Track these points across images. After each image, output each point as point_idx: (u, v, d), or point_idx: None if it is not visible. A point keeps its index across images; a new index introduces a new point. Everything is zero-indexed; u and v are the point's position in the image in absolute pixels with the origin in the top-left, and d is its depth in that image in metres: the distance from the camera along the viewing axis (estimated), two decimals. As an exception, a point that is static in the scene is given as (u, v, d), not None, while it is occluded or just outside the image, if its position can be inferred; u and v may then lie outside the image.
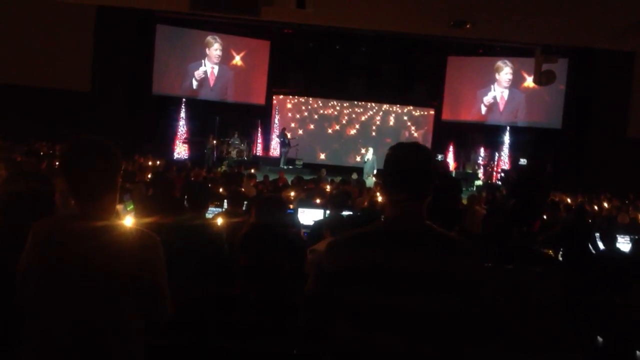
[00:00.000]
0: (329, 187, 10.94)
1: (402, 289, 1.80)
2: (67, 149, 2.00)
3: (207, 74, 21.10)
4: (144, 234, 2.01)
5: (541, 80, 9.69)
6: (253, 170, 14.60)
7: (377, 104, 22.92)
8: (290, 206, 7.06)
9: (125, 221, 2.15)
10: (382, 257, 1.83)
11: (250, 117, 21.65)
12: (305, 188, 10.22)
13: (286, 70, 22.53)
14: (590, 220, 8.46)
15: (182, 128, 20.21)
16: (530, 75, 20.34)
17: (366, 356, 1.82)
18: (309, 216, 7.00)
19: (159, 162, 14.59)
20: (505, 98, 21.24)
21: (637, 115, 17.96)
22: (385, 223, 1.96)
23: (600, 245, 6.20)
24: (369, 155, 18.71)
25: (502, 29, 8.09)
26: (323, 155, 22.66)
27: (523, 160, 19.71)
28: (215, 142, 19.54)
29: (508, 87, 21.17)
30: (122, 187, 7.03)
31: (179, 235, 3.92)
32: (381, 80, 22.19)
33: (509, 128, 20.74)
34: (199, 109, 20.38)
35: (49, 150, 13.34)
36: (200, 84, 21.03)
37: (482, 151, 21.05)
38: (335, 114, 23.11)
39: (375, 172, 17.08)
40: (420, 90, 22.37)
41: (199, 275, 3.66)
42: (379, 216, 4.62)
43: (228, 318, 3.02)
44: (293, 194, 9.05)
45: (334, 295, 1.86)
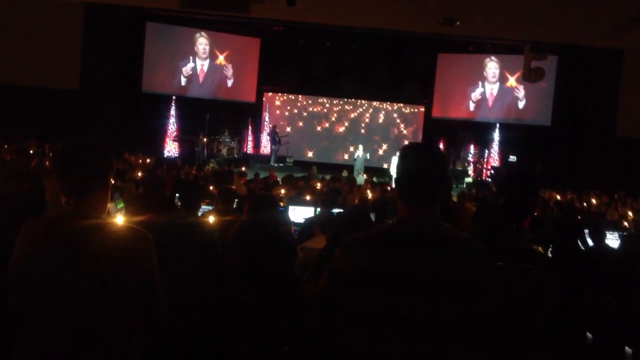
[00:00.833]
0: (319, 185, 10.95)
1: (418, 293, 1.77)
2: (60, 148, 2.00)
3: (197, 71, 21.05)
4: (136, 231, 2.00)
5: (530, 77, 9.72)
6: (244, 168, 14.56)
7: (368, 101, 22.95)
8: (281, 204, 7.05)
9: (117, 219, 2.15)
10: (398, 261, 1.80)
11: (240, 115, 21.62)
12: (296, 186, 10.21)
13: (277, 68, 22.47)
14: (579, 216, 8.51)
15: (173, 126, 20.15)
16: (520, 72, 20.49)
17: None
18: (299, 213, 7.01)
19: (149, 160, 14.54)
20: (494, 95, 21.33)
21: (626, 112, 18.07)
22: (399, 225, 1.93)
23: (590, 242, 6.24)
24: (359, 152, 18.74)
25: (492, 26, 8.12)
26: (311, 153, 22.64)
27: (513, 158, 19.80)
28: (205, 140, 19.50)
29: (497, 85, 21.25)
30: (113, 186, 7.01)
31: (172, 233, 3.90)
32: (372, 77, 22.16)
33: (498, 125, 20.83)
34: (189, 106, 20.31)
35: (39, 148, 13.24)
36: (190, 81, 20.97)
37: (472, 148, 21.14)
38: (324, 112, 23.10)
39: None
40: (411, 88, 22.40)
41: (193, 274, 3.65)
42: (368, 213, 4.62)
43: (220, 319, 3.00)
44: (283, 191, 9.04)
45: (347, 297, 1.83)
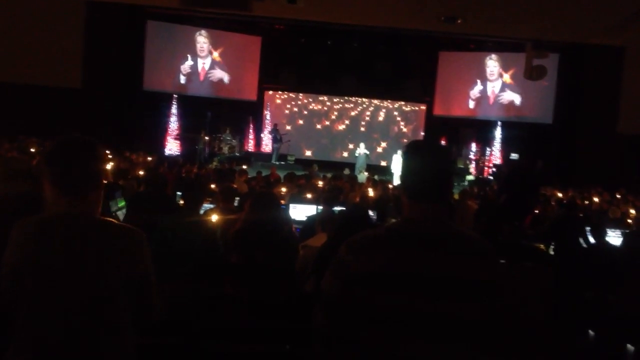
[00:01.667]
0: (320, 183, 10.94)
1: (433, 294, 1.73)
2: (52, 147, 1.99)
3: (198, 69, 21.04)
4: (130, 230, 2.01)
5: (532, 75, 9.74)
6: (245, 166, 14.56)
7: (369, 99, 22.91)
8: (282, 202, 7.05)
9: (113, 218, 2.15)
10: (416, 261, 1.76)
11: (241, 113, 21.58)
12: (298, 184, 10.20)
13: (278, 66, 22.47)
14: (581, 214, 8.50)
15: (174, 124, 20.11)
16: (514, 69, 20.50)
17: None
18: (301, 212, 7.00)
19: (150, 159, 14.52)
20: (496, 93, 21.31)
21: (627, 110, 18.03)
22: (411, 225, 1.86)
23: (591, 239, 6.24)
24: (360, 150, 18.71)
25: (493, 24, 8.12)
26: (310, 152, 22.62)
27: (514, 155, 19.76)
28: (207, 138, 19.48)
29: (499, 83, 21.23)
30: (114, 184, 7.00)
31: (175, 232, 3.90)
32: (373, 75, 22.15)
33: (500, 123, 20.78)
34: (191, 105, 20.26)
35: (40, 147, 13.23)
36: (190, 79, 20.96)
37: (474, 146, 21.11)
38: (325, 110, 23.08)
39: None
40: (412, 86, 22.38)
41: (194, 272, 3.65)
42: (367, 211, 4.58)
43: (219, 317, 3.00)
44: (285, 189, 9.03)
45: (363, 298, 1.78)
